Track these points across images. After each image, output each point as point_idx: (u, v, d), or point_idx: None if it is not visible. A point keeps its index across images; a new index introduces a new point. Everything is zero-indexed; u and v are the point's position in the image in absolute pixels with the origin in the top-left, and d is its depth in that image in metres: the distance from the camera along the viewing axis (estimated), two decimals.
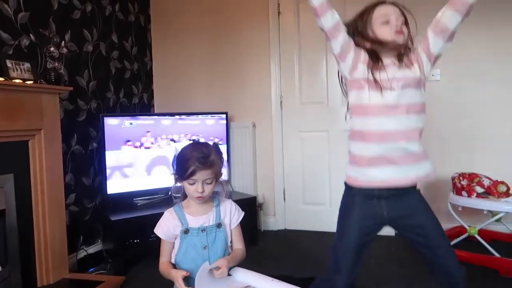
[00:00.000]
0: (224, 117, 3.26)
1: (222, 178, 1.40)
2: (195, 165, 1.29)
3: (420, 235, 1.40)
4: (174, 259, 1.36)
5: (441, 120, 2.98)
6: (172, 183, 1.40)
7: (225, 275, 1.29)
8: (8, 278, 2.01)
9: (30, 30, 2.40)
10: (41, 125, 2.20)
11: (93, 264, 2.68)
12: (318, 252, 2.83)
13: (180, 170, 1.32)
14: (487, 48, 2.93)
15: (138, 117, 2.94)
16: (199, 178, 1.31)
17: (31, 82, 2.17)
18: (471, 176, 2.60)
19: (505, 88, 2.91)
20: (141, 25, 3.62)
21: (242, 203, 2.95)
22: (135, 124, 2.88)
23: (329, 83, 3.31)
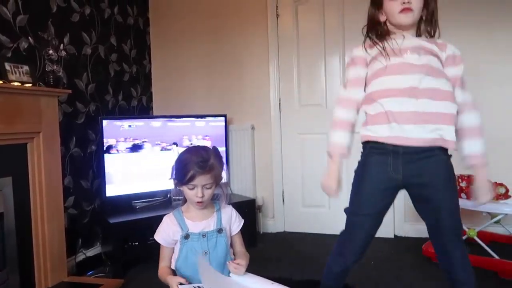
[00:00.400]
0: (223, 119, 3.26)
1: (222, 181, 1.39)
2: (194, 170, 1.27)
3: (430, 206, 1.37)
4: (174, 265, 1.35)
5: None
6: (171, 186, 1.39)
7: (240, 273, 1.30)
8: (6, 281, 2.00)
9: (28, 33, 2.40)
10: (40, 128, 2.20)
11: (91, 267, 2.68)
12: (317, 254, 2.82)
13: (179, 174, 1.31)
14: (486, 48, 2.93)
15: (137, 120, 2.94)
16: (199, 183, 1.30)
17: (30, 85, 2.17)
18: (470, 178, 2.60)
19: (505, 89, 2.92)
20: (140, 28, 3.62)
21: (241, 206, 2.98)
22: (134, 126, 2.88)
23: (327, 86, 3.32)
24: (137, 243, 2.59)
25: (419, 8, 1.35)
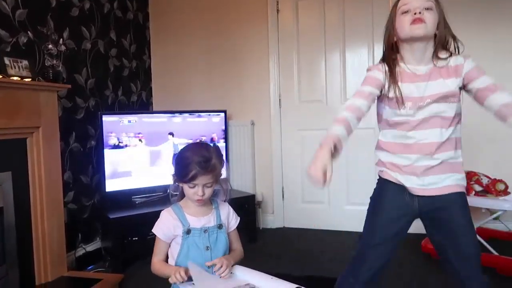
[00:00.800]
0: (223, 115, 3.26)
1: (222, 177, 1.39)
2: (196, 170, 1.27)
3: (448, 233, 1.34)
4: (175, 261, 1.34)
5: None
6: (170, 181, 1.39)
7: (228, 273, 1.29)
8: (6, 276, 2.00)
9: (28, 28, 2.39)
10: (39, 123, 2.20)
11: (91, 262, 2.69)
12: (316, 250, 2.83)
13: (181, 173, 1.31)
14: (486, 46, 2.92)
15: (136, 115, 2.93)
16: (200, 182, 1.29)
17: (29, 79, 2.16)
18: (469, 175, 2.61)
19: (505, 86, 2.91)
20: (139, 22, 3.61)
21: (241, 201, 2.99)
22: (133, 122, 2.88)
23: (327, 82, 3.32)
24: (136, 238, 2.59)
25: (432, 22, 1.28)
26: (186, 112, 3.15)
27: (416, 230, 2.93)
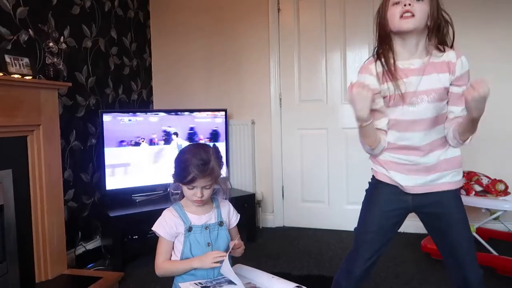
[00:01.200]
0: (223, 114, 3.26)
1: (222, 176, 1.39)
2: (194, 173, 1.27)
3: (443, 226, 1.36)
4: (179, 259, 1.35)
5: None
6: (170, 180, 1.40)
7: (241, 252, 1.37)
8: (6, 274, 2.00)
9: (29, 25, 2.39)
10: (40, 120, 2.20)
11: (91, 260, 2.69)
12: (316, 249, 2.83)
13: (179, 175, 1.31)
14: (486, 47, 2.92)
15: (137, 114, 2.93)
16: (198, 185, 1.30)
17: (30, 77, 2.16)
18: (469, 175, 2.61)
19: (504, 86, 2.91)
20: (140, 21, 3.61)
21: (241, 200, 2.99)
22: (134, 120, 2.88)
23: (328, 81, 3.31)
24: (136, 237, 2.60)
25: (422, 14, 1.26)
26: (187, 110, 3.15)
27: (416, 230, 2.94)
